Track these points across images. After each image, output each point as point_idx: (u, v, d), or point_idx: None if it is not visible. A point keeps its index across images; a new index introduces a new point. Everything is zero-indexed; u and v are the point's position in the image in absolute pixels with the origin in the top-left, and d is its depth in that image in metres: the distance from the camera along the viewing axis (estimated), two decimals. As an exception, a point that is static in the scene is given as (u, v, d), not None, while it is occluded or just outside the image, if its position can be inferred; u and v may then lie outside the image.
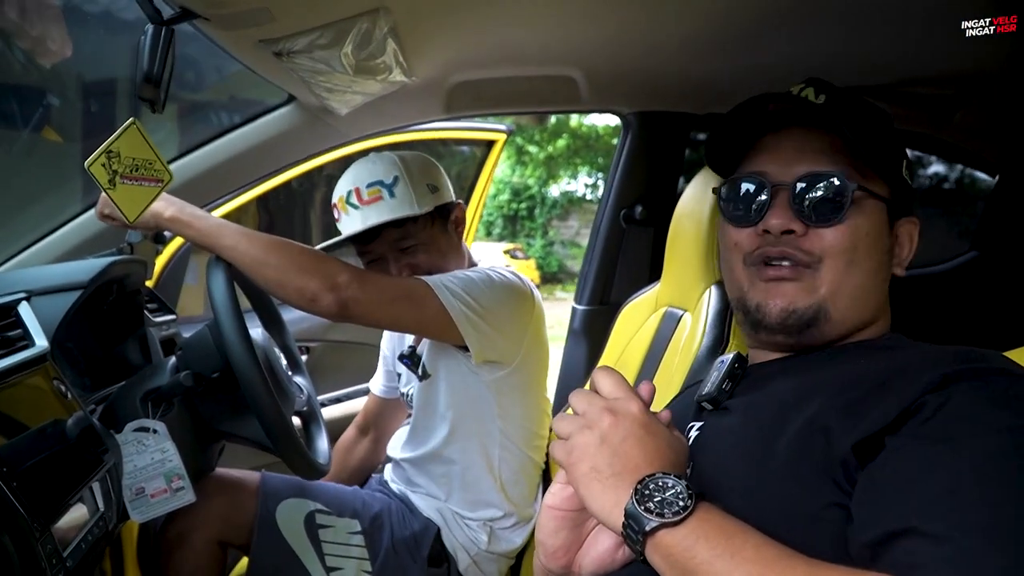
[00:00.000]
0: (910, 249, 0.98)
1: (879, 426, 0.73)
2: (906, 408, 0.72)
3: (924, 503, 0.65)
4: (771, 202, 0.93)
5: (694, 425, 0.96)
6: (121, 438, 1.26)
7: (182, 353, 1.43)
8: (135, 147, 1.20)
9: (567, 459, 0.77)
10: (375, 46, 1.36)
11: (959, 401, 0.71)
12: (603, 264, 2.28)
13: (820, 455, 0.76)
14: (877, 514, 0.68)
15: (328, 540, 1.57)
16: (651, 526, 0.68)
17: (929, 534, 0.63)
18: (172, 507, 1.29)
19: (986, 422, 0.68)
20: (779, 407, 0.85)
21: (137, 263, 1.52)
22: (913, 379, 0.75)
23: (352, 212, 1.62)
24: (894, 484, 0.68)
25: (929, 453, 0.68)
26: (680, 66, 1.74)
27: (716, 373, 0.99)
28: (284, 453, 1.37)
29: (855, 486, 0.73)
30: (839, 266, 0.91)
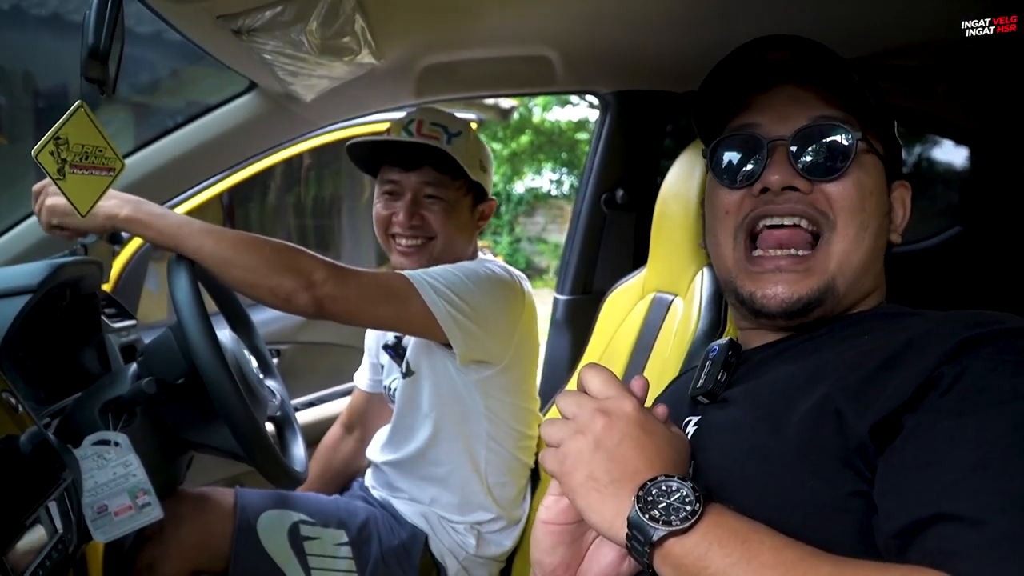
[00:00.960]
0: (904, 215, 0.92)
1: (895, 405, 0.67)
2: (923, 382, 0.66)
3: (951, 483, 0.59)
4: (769, 157, 0.86)
5: (690, 420, 0.89)
6: (80, 453, 1.16)
7: (144, 359, 1.33)
8: (84, 133, 1.10)
9: (560, 468, 0.70)
10: (342, 22, 1.28)
11: (977, 369, 0.65)
12: (584, 252, 2.22)
13: (834, 442, 0.70)
14: (902, 501, 0.62)
15: (314, 552, 1.49)
16: (658, 535, 0.61)
17: (961, 517, 0.57)
18: (138, 525, 1.19)
19: (1008, 388, 0.63)
20: (783, 393, 0.78)
21: (92, 265, 1.42)
22: (925, 350, 0.69)
23: (404, 136, 1.57)
24: (917, 466, 0.62)
25: (950, 428, 0.62)
26: (658, 43, 1.69)
27: (709, 364, 0.92)
28: (258, 461, 1.28)
29: (875, 472, 0.67)
30: (851, 231, 0.85)
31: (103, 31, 0.94)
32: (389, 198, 1.61)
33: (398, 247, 1.61)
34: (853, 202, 0.85)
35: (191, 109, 1.76)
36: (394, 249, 1.62)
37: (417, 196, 1.59)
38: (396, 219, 1.59)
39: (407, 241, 1.59)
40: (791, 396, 0.77)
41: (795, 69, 0.88)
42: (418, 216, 1.58)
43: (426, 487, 1.63)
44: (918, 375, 0.67)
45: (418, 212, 1.58)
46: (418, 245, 1.59)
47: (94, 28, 0.94)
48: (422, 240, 1.59)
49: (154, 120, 4.01)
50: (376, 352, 1.82)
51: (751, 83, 0.92)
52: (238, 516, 1.48)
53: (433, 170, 1.57)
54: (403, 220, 1.57)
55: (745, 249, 0.90)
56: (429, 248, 1.60)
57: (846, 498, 0.68)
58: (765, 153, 0.87)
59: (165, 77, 3.89)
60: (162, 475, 1.35)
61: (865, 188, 0.85)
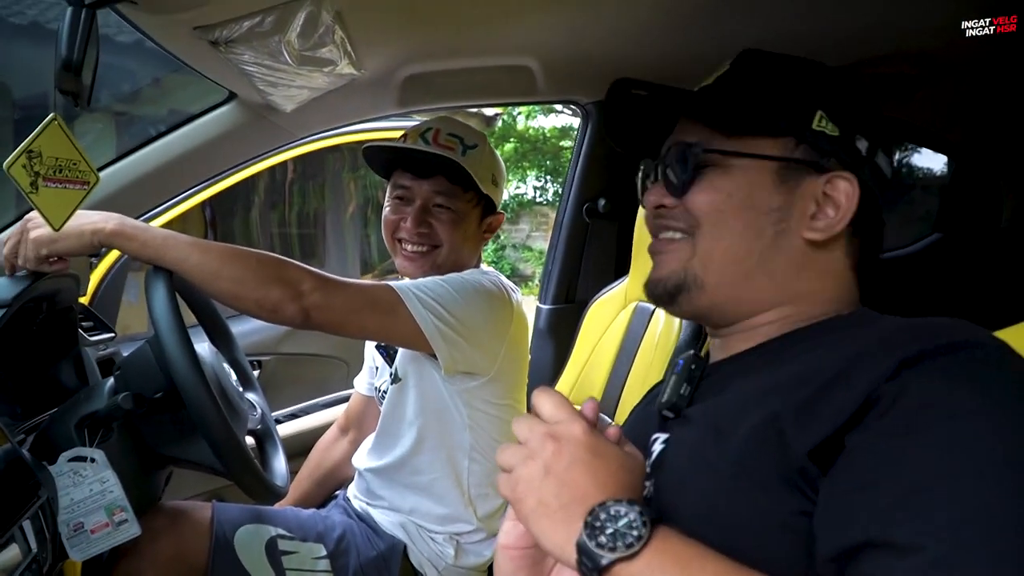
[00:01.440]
0: (845, 210, 0.85)
1: (836, 425, 0.66)
2: (863, 402, 0.65)
3: (885, 508, 0.59)
4: (653, 183, 0.95)
5: (658, 438, 0.88)
6: (55, 469, 1.15)
7: (120, 373, 1.31)
8: (57, 146, 1.08)
9: (512, 494, 0.70)
10: (321, 33, 1.27)
11: (917, 388, 0.63)
12: (567, 261, 2.22)
13: (777, 461, 0.69)
14: (837, 526, 0.61)
15: (292, 567, 1.46)
16: (605, 561, 0.61)
17: (894, 544, 0.56)
18: (115, 542, 1.17)
19: (947, 408, 0.61)
20: (736, 411, 0.77)
21: (68, 278, 1.40)
22: (869, 367, 0.67)
23: (420, 144, 1.58)
24: (852, 490, 0.62)
25: (887, 450, 0.61)
26: (638, 53, 1.69)
27: (673, 377, 0.91)
28: (237, 476, 1.27)
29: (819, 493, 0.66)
30: (707, 231, 0.87)
31: (76, 42, 0.93)
32: (399, 203, 1.62)
33: (403, 252, 1.61)
34: (705, 206, 0.87)
35: (173, 118, 1.74)
36: (399, 253, 1.62)
37: (427, 204, 1.59)
38: (404, 225, 1.59)
39: (412, 247, 1.60)
40: (742, 414, 0.76)
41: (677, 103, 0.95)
42: (426, 224, 1.58)
43: (407, 495, 1.61)
44: (859, 395, 0.66)
45: (426, 220, 1.59)
46: (423, 252, 1.60)
47: (67, 39, 0.93)
48: (427, 247, 1.60)
49: (136, 129, 3.98)
50: (372, 354, 1.83)
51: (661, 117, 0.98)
52: (215, 531, 1.46)
53: (446, 180, 1.58)
54: (411, 227, 1.58)
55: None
56: (433, 256, 1.60)
57: (794, 516, 0.67)
58: (651, 180, 0.96)
59: (147, 86, 3.86)
60: (140, 491, 1.32)
61: (721, 191, 0.87)
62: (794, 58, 0.91)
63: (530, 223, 12.78)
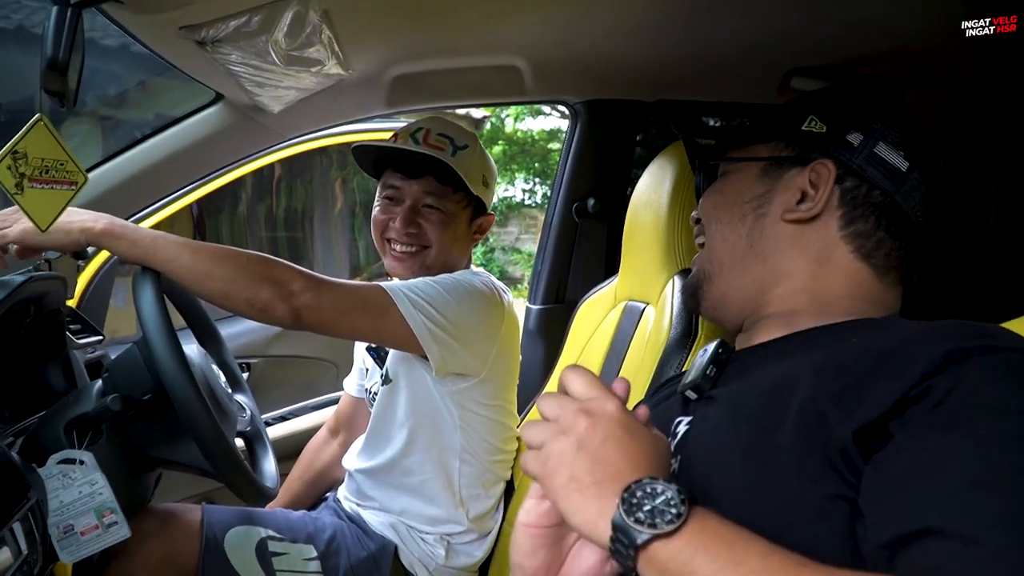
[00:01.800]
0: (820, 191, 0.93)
1: (879, 412, 0.67)
2: (907, 392, 0.66)
3: (944, 498, 0.59)
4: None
5: (681, 420, 0.90)
6: (44, 472, 1.14)
7: (109, 375, 1.30)
8: (44, 147, 1.07)
9: (542, 470, 0.69)
10: (308, 33, 1.27)
11: (971, 382, 0.64)
12: (556, 261, 2.22)
13: (818, 443, 0.70)
14: (892, 512, 0.61)
15: (282, 568, 1.46)
16: (643, 539, 0.60)
17: (953, 533, 0.56)
18: (105, 544, 1.17)
19: (1003, 404, 0.62)
20: (770, 393, 0.79)
21: (56, 280, 1.39)
22: (911, 358, 0.68)
23: (410, 144, 1.57)
24: (909, 478, 0.62)
25: (945, 441, 0.62)
26: (627, 53, 1.69)
27: (700, 360, 0.93)
28: (227, 478, 1.26)
29: (859, 478, 0.67)
30: (710, 228, 1.03)
31: (62, 42, 0.92)
32: (389, 203, 1.62)
33: (392, 252, 1.61)
34: (707, 207, 1.04)
35: (159, 122, 1.74)
36: (388, 254, 1.62)
37: (416, 205, 1.59)
38: (393, 225, 1.59)
39: (402, 248, 1.59)
40: (777, 396, 0.77)
41: None
42: (415, 224, 1.58)
43: (397, 496, 1.61)
44: (904, 384, 0.67)
45: (415, 220, 1.58)
46: (412, 252, 1.59)
47: (52, 39, 0.92)
48: (416, 248, 1.59)
49: (121, 132, 3.96)
50: (362, 356, 1.82)
51: None
52: (205, 532, 1.45)
53: (435, 181, 1.58)
54: (400, 227, 1.58)
55: None
56: (423, 256, 1.60)
57: (830, 500, 0.67)
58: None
59: (132, 89, 3.85)
60: (129, 493, 1.32)
61: (717, 192, 1.04)
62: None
63: (519, 226, 12.78)
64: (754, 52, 1.63)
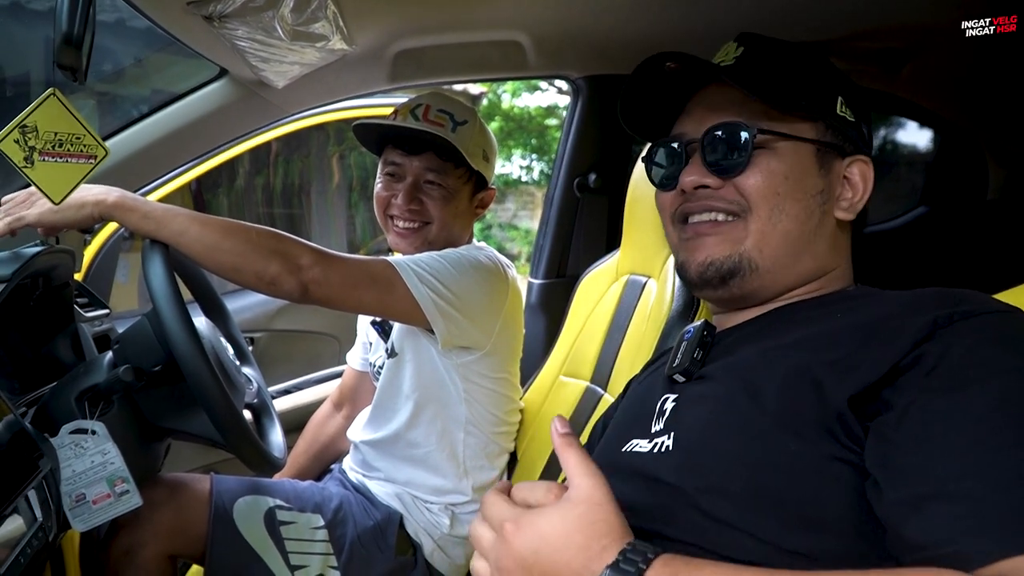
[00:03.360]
0: (863, 191, 0.94)
1: (872, 379, 0.70)
2: (899, 360, 0.69)
3: (951, 460, 0.61)
4: (687, 160, 0.94)
5: (668, 397, 0.91)
6: (57, 442, 1.15)
7: (119, 347, 1.32)
8: (57, 120, 1.08)
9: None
10: (314, 8, 1.28)
11: (960, 346, 0.67)
12: (558, 235, 2.23)
13: (814, 409, 0.72)
14: (902, 476, 0.64)
15: (291, 537, 1.49)
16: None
17: (963, 495, 0.59)
18: (117, 513, 1.19)
19: (992, 365, 0.65)
20: (760, 365, 0.81)
21: (64, 254, 1.40)
22: (899, 328, 0.72)
23: (410, 120, 1.58)
24: (915, 442, 0.64)
25: (944, 404, 0.65)
26: (628, 27, 1.69)
27: (684, 344, 0.95)
28: (236, 447, 1.28)
29: (859, 443, 0.69)
30: (763, 214, 0.90)
31: (77, 17, 0.93)
32: (390, 179, 1.63)
33: (395, 228, 1.62)
34: (761, 189, 0.90)
35: (157, 98, 1.74)
36: (391, 230, 1.63)
37: (418, 181, 1.60)
38: (395, 201, 1.60)
39: (404, 223, 1.60)
40: (768, 368, 0.80)
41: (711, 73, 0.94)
42: (417, 201, 1.59)
43: (402, 467, 1.63)
44: (896, 352, 0.70)
45: (417, 197, 1.59)
46: (414, 228, 1.61)
47: (67, 14, 0.93)
48: (419, 224, 1.61)
49: (119, 110, 3.94)
50: (366, 330, 1.83)
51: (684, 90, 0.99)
52: (214, 502, 1.48)
53: (436, 157, 1.59)
54: (402, 203, 1.59)
55: (682, 228, 0.97)
56: (425, 232, 1.61)
57: (830, 461, 0.70)
58: (683, 158, 0.96)
59: (131, 65, 3.83)
60: (140, 463, 1.34)
61: (776, 176, 0.90)
62: (800, 44, 0.97)
63: (516, 202, 12.75)
64: (756, 25, 1.62)
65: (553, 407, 1.78)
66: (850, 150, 0.94)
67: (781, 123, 0.91)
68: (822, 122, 0.92)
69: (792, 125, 0.91)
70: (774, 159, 0.90)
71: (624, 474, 0.87)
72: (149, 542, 1.41)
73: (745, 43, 0.96)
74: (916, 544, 0.60)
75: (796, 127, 0.91)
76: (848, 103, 0.93)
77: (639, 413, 0.95)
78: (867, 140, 0.95)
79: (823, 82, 0.93)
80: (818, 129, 0.92)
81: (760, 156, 0.90)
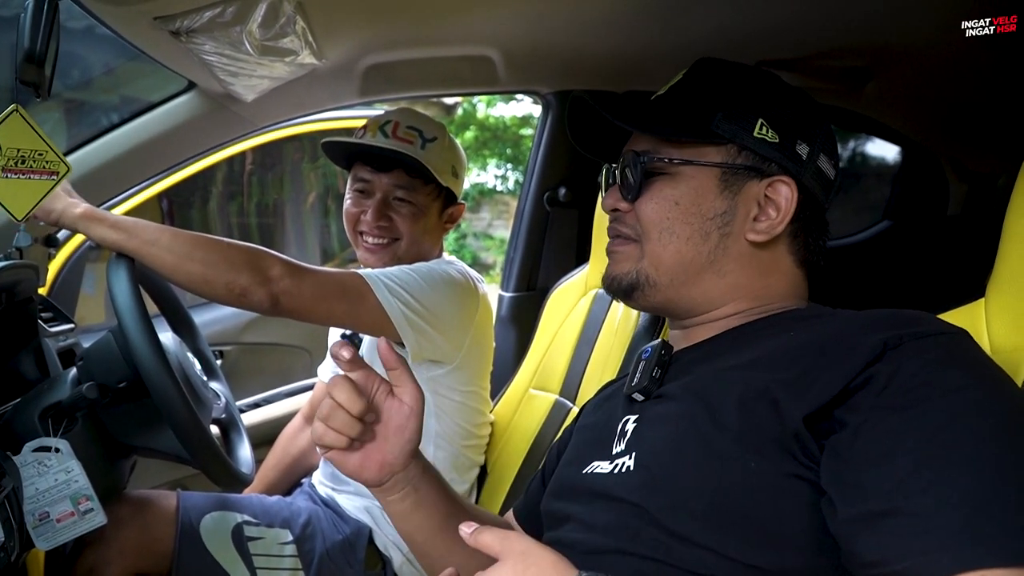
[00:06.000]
0: (784, 212, 0.92)
1: (825, 399, 0.71)
2: (851, 381, 0.71)
3: (902, 477, 0.63)
4: (611, 184, 1.01)
5: (629, 419, 0.92)
6: (20, 460, 1.14)
7: (83, 363, 1.30)
8: (19, 137, 1.07)
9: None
10: (282, 23, 1.28)
11: (910, 367, 0.69)
12: (528, 249, 2.24)
13: (771, 427, 0.74)
14: (854, 494, 0.65)
15: (259, 552, 1.48)
16: None
17: (911, 512, 0.60)
18: (81, 531, 1.17)
19: (941, 384, 0.67)
20: (719, 384, 0.82)
21: (27, 268, 1.38)
22: (850, 349, 0.73)
23: (379, 137, 1.58)
24: (867, 460, 0.66)
25: (895, 423, 0.66)
26: (599, 44, 1.71)
27: (643, 364, 0.96)
28: (203, 464, 1.27)
29: (816, 461, 0.71)
30: (653, 237, 0.94)
31: (39, 33, 0.93)
32: (359, 195, 1.63)
33: (364, 244, 1.63)
34: (651, 216, 0.94)
35: (127, 106, 1.73)
36: (360, 245, 1.64)
37: (387, 198, 1.60)
38: (364, 218, 1.61)
39: (373, 240, 1.61)
40: (726, 387, 0.80)
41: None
42: (386, 217, 1.60)
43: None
44: (848, 372, 0.71)
45: (386, 214, 1.60)
46: (384, 244, 1.61)
47: (30, 31, 0.92)
48: (388, 240, 1.61)
49: (88, 119, 3.89)
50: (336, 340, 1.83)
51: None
52: (180, 518, 1.47)
53: (405, 174, 1.59)
54: (371, 220, 1.59)
55: None
56: (394, 248, 1.62)
57: (788, 479, 0.71)
58: (610, 180, 1.02)
59: (100, 74, 3.79)
60: (105, 480, 1.32)
61: (668, 200, 0.93)
62: (744, 67, 0.98)
63: (491, 212, 12.75)
64: (723, 44, 1.65)
65: (523, 420, 1.79)
66: (773, 170, 0.93)
67: (685, 149, 0.93)
68: (734, 145, 0.93)
69: (696, 150, 0.93)
70: (668, 185, 0.94)
71: (586, 497, 0.88)
72: (115, 560, 1.40)
73: (689, 72, 0.99)
74: (869, 561, 0.62)
75: (700, 151, 0.93)
76: (774, 124, 0.92)
77: (600, 436, 0.96)
78: (799, 159, 0.93)
79: (742, 108, 0.93)
80: (727, 152, 0.93)
81: (656, 183, 0.94)
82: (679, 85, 0.99)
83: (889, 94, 1.99)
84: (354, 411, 0.86)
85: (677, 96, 0.98)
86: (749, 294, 0.95)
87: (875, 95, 1.99)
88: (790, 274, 0.96)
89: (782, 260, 0.96)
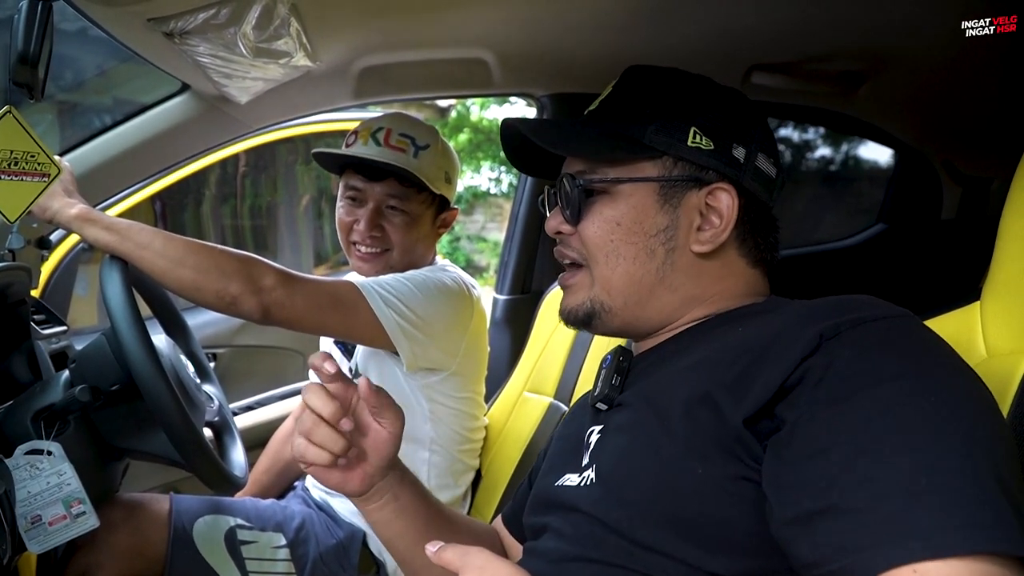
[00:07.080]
0: (727, 219, 0.90)
1: (763, 400, 0.70)
2: (786, 378, 0.69)
3: (837, 473, 0.62)
4: (554, 206, 0.99)
5: (593, 430, 0.92)
6: (12, 463, 1.14)
7: (76, 365, 1.30)
8: (13, 138, 1.07)
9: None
10: (277, 25, 1.28)
11: (844, 357, 0.67)
12: (523, 252, 2.24)
13: (714, 431, 0.73)
14: (791, 494, 0.65)
15: (252, 556, 1.47)
16: None
17: (848, 508, 0.60)
18: (73, 534, 1.17)
19: (875, 373, 0.65)
20: (666, 389, 0.83)
21: (20, 271, 1.38)
22: (790, 343, 0.72)
23: (371, 145, 1.57)
24: (803, 458, 0.65)
25: (829, 416, 0.65)
26: (592, 47, 1.71)
27: (604, 371, 0.96)
28: (196, 467, 1.26)
29: (760, 462, 0.70)
30: (600, 260, 0.92)
31: (33, 35, 0.92)
32: (352, 204, 1.62)
33: (357, 253, 1.62)
34: (595, 239, 0.93)
35: (120, 108, 1.72)
36: (353, 254, 1.63)
37: (379, 207, 1.59)
38: (357, 227, 1.59)
39: (366, 249, 1.60)
40: (674, 392, 0.80)
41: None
42: (378, 227, 1.59)
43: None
44: (784, 369, 0.70)
45: (379, 223, 1.59)
46: (376, 253, 1.60)
47: (24, 32, 0.92)
48: (380, 249, 1.60)
49: (82, 121, 3.88)
50: (329, 348, 1.82)
51: None
52: (173, 522, 1.46)
53: (397, 183, 1.58)
54: (364, 230, 1.58)
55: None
56: (387, 257, 1.61)
57: (735, 482, 0.71)
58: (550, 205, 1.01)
59: (93, 76, 3.78)
60: (98, 483, 1.32)
61: (610, 221, 0.92)
62: (675, 73, 0.96)
63: (484, 214, 12.76)
64: (716, 47, 1.66)
65: (517, 423, 1.78)
66: (711, 178, 0.91)
67: (620, 166, 0.92)
68: (669, 157, 0.91)
69: (632, 166, 0.91)
70: (608, 206, 0.92)
71: (557, 510, 0.89)
72: (106, 564, 1.39)
73: (618, 83, 0.97)
74: (808, 562, 0.61)
75: (636, 167, 0.91)
76: (707, 131, 0.90)
77: (571, 447, 0.96)
78: (737, 163, 0.91)
79: (673, 119, 0.91)
80: (663, 165, 0.91)
81: (596, 204, 0.93)
82: (610, 98, 0.96)
83: (883, 97, 2.00)
84: (327, 415, 0.84)
85: (608, 110, 0.96)
86: (705, 301, 0.94)
87: (869, 98, 2.00)
88: (745, 274, 0.95)
89: (734, 264, 0.94)
